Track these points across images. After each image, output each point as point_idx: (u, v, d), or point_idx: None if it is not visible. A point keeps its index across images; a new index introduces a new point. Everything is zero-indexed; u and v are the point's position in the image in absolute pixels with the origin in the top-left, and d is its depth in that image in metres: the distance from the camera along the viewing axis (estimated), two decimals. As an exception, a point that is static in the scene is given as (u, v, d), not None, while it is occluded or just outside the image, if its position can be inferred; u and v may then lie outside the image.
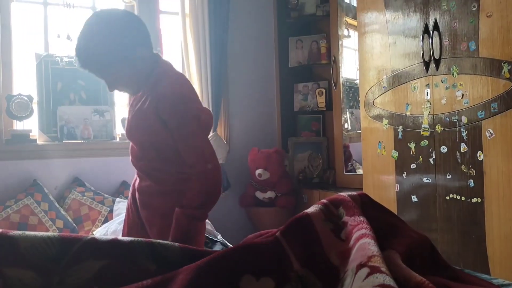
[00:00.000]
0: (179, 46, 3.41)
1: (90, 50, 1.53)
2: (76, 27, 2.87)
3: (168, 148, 1.64)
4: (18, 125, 2.94)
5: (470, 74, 2.15)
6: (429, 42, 2.32)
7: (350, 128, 3.54)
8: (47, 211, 2.77)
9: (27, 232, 1.01)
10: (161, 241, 1.08)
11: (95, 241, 1.03)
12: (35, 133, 3.00)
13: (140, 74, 1.62)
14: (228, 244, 2.55)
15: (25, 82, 3.05)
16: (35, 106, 2.95)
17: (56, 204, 2.85)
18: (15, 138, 2.88)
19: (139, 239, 1.07)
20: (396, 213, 1.61)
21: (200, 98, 3.34)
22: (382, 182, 2.65)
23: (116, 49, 1.54)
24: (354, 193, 1.21)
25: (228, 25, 3.48)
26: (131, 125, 1.69)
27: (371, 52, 2.70)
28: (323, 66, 3.64)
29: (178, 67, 3.49)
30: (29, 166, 2.93)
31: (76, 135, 3.07)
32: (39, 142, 2.98)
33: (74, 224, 2.82)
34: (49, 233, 1.02)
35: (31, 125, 2.98)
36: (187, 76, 3.37)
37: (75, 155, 3.06)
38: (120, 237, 1.07)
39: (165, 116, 1.59)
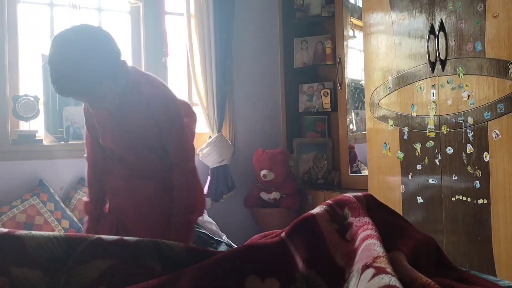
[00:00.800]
0: (184, 47, 3.42)
1: (78, 82, 1.42)
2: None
3: (159, 146, 1.70)
4: (24, 126, 2.95)
5: (476, 74, 2.14)
6: (435, 42, 2.31)
7: (355, 129, 3.53)
8: (53, 211, 2.78)
9: (34, 232, 1.02)
10: (166, 241, 1.09)
11: (101, 240, 1.03)
12: (41, 133, 3.01)
13: (121, 85, 1.59)
14: (233, 244, 2.55)
15: (31, 83, 3.06)
16: (41, 107, 2.95)
17: (62, 204, 2.86)
18: (21, 138, 2.89)
19: (145, 239, 1.08)
20: (401, 214, 1.60)
21: (205, 98, 3.38)
22: (388, 183, 2.64)
23: (103, 71, 1.47)
24: (359, 194, 1.21)
25: (233, 26, 3.48)
26: (120, 134, 1.66)
27: (376, 53, 2.69)
28: (328, 67, 3.64)
29: (183, 68, 3.52)
30: (35, 167, 2.94)
31: (82, 136, 3.08)
32: (45, 142, 2.99)
33: (80, 224, 2.83)
34: (55, 233, 1.03)
35: (37, 126, 2.99)
36: (192, 77, 3.40)
37: (80, 155, 3.04)
38: (125, 237, 1.07)
39: (158, 115, 1.62)
